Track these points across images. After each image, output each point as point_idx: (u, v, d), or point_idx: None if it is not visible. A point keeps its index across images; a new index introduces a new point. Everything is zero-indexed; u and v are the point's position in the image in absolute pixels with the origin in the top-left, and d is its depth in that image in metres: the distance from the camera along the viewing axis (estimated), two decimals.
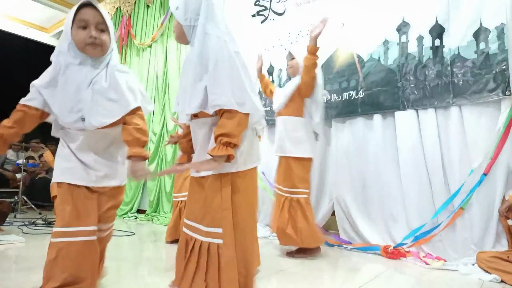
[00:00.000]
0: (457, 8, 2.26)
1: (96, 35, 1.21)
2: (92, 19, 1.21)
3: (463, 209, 2.10)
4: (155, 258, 2.21)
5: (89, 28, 1.21)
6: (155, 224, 3.69)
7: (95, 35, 1.21)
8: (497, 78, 2.07)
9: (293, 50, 2.44)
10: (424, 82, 2.36)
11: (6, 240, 2.45)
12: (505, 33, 2.07)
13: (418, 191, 2.32)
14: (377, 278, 1.79)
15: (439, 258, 2.08)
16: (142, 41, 4.58)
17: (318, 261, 2.16)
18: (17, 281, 1.65)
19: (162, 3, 4.39)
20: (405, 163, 2.40)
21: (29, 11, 5.72)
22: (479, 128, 2.15)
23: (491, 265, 1.80)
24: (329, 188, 2.81)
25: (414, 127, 2.40)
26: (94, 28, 1.22)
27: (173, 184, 3.90)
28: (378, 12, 2.65)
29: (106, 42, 1.25)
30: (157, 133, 4.18)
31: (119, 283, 1.65)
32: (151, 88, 4.41)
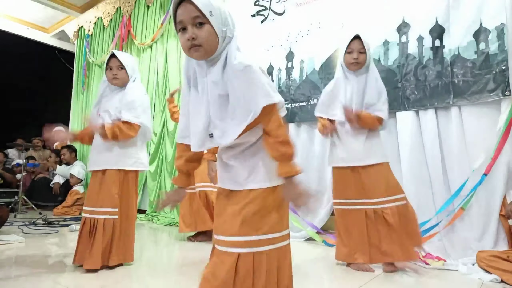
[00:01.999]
0: (457, 8, 2.27)
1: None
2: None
3: (464, 209, 2.10)
4: (155, 258, 2.21)
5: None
6: (155, 224, 3.69)
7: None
8: (497, 78, 2.07)
9: (365, 40, 1.99)
10: (424, 83, 2.36)
11: (6, 240, 2.45)
12: (505, 34, 2.07)
13: (418, 191, 2.32)
14: (377, 278, 1.79)
15: (439, 258, 2.08)
16: (143, 41, 4.58)
17: (318, 261, 2.16)
18: (17, 281, 1.65)
19: (162, 3, 4.39)
20: (405, 163, 2.40)
21: (29, 11, 5.72)
22: (479, 128, 2.15)
23: (491, 264, 1.79)
24: (328, 188, 2.81)
25: (415, 127, 2.40)
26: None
27: (173, 184, 3.90)
28: (378, 13, 2.65)
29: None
30: (157, 133, 4.18)
31: (119, 283, 1.65)
32: (151, 88, 4.41)
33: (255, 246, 0.99)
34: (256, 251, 0.98)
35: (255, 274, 0.97)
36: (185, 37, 0.97)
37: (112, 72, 1.92)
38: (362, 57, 1.95)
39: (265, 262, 0.99)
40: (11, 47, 6.34)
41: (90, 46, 5.48)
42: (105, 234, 1.80)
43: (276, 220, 1.03)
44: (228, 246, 0.99)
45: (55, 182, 4.63)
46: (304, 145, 3.04)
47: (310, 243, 2.69)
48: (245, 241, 0.98)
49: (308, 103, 3.00)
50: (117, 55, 1.92)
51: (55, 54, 6.45)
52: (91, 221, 1.84)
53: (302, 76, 3.07)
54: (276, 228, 1.03)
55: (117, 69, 1.92)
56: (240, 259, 0.97)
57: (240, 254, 0.97)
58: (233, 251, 0.98)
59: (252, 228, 0.99)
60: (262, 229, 1.00)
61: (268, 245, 1.01)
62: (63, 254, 2.22)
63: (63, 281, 1.66)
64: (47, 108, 8.42)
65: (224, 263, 0.98)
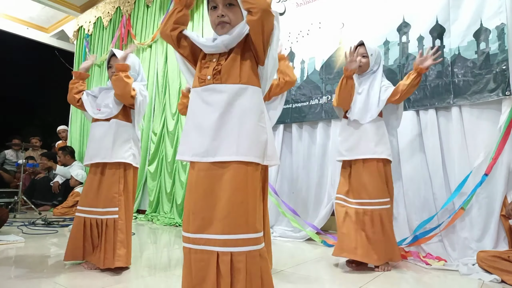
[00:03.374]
0: (458, 8, 2.26)
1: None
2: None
3: (464, 209, 2.10)
4: (155, 258, 2.20)
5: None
6: (155, 224, 3.68)
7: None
8: (497, 78, 2.07)
9: (368, 46, 2.07)
10: (425, 83, 2.36)
11: (5, 240, 2.44)
12: (505, 33, 2.07)
13: (418, 191, 2.32)
14: (377, 278, 1.79)
15: (439, 258, 2.08)
16: (142, 41, 4.58)
17: (318, 261, 2.16)
18: (16, 281, 1.65)
19: (162, 3, 4.39)
20: (405, 163, 2.40)
21: (28, 11, 5.71)
22: (479, 128, 2.15)
23: (491, 264, 1.79)
24: (328, 188, 2.81)
25: (415, 127, 2.40)
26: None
27: (173, 184, 3.90)
28: (378, 12, 2.65)
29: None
30: (157, 133, 4.17)
31: (119, 283, 1.65)
32: (151, 88, 4.41)
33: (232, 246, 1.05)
34: (234, 251, 1.05)
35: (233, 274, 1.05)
36: (216, 14, 1.16)
37: (111, 71, 1.93)
38: (365, 61, 2.06)
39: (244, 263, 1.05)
40: (10, 47, 6.33)
41: (90, 46, 5.47)
42: (108, 234, 1.81)
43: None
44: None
45: (55, 181, 4.63)
46: (305, 145, 3.04)
47: (310, 244, 2.69)
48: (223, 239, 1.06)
49: (309, 103, 2.99)
50: (116, 54, 1.92)
51: (54, 54, 6.44)
52: (93, 221, 1.83)
53: (302, 76, 3.07)
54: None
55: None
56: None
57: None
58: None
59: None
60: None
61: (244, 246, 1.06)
62: (62, 254, 2.21)
63: (63, 281, 1.66)
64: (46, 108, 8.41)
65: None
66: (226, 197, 1.07)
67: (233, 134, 1.10)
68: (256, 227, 1.09)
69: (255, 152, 1.11)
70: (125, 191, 1.90)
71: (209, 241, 1.07)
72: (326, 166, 2.89)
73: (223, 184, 1.08)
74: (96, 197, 1.85)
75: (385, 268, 1.93)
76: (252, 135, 1.11)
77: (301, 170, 3.04)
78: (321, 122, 2.93)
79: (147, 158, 4.27)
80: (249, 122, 1.11)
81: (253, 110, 1.13)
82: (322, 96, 2.92)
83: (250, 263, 1.05)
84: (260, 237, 1.10)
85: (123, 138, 1.91)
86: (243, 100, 1.12)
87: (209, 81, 1.16)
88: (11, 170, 5.23)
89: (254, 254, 1.06)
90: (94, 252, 1.84)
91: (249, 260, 1.05)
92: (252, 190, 1.10)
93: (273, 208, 2.99)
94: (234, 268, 1.04)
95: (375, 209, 1.93)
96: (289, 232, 2.92)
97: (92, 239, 1.83)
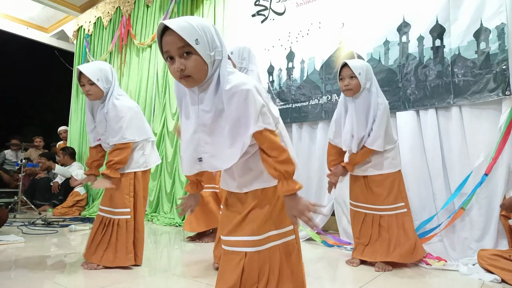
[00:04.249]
0: (458, 8, 2.26)
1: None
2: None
3: (464, 209, 2.10)
4: (155, 258, 2.20)
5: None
6: (155, 224, 3.68)
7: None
8: (498, 78, 2.07)
9: (353, 64, 1.95)
10: (425, 83, 2.36)
11: (5, 240, 2.44)
12: (505, 33, 2.07)
13: (418, 191, 2.32)
14: (377, 278, 1.79)
15: (439, 258, 2.08)
16: (142, 41, 4.57)
17: (318, 261, 2.16)
18: (16, 281, 1.65)
19: (162, 3, 4.38)
20: (405, 163, 2.39)
21: (28, 11, 5.71)
22: (479, 128, 2.15)
23: (492, 263, 1.79)
24: None
25: (415, 127, 2.40)
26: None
27: (173, 184, 3.90)
28: (378, 12, 2.65)
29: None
30: (157, 133, 4.17)
31: (119, 283, 1.65)
32: (151, 88, 4.41)
33: (260, 245, 1.03)
34: (260, 249, 1.03)
35: (261, 271, 1.02)
36: (173, 67, 0.95)
37: (85, 89, 1.83)
38: (354, 82, 1.94)
39: (268, 260, 1.03)
40: (10, 46, 6.33)
41: (90, 46, 5.47)
42: (120, 233, 1.86)
43: (282, 216, 1.07)
44: (236, 246, 1.05)
45: (55, 181, 4.64)
46: (305, 145, 3.04)
47: (310, 244, 2.69)
48: (251, 240, 1.03)
49: (309, 103, 2.99)
50: (82, 70, 1.80)
51: (54, 54, 6.44)
52: (107, 220, 1.88)
53: (302, 76, 3.07)
54: (280, 224, 1.08)
55: (88, 84, 1.82)
56: (247, 258, 1.02)
57: (247, 253, 1.02)
58: (240, 250, 1.03)
59: (260, 227, 1.04)
60: (268, 227, 1.05)
61: (270, 242, 1.05)
62: (62, 254, 2.22)
63: (63, 281, 1.66)
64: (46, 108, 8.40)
65: (232, 261, 1.03)
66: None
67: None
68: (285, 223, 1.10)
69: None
70: (136, 192, 1.95)
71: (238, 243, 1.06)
72: (326, 166, 2.88)
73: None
74: (110, 198, 1.90)
75: (385, 268, 1.93)
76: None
77: (301, 170, 3.04)
78: (321, 122, 2.93)
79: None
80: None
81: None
82: (322, 96, 2.92)
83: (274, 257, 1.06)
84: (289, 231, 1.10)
85: (135, 150, 1.94)
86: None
87: None
88: (10, 170, 5.23)
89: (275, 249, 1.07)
90: (97, 251, 1.85)
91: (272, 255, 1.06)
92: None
93: None
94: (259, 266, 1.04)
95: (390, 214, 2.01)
96: None
97: (101, 237, 1.86)
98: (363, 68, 1.96)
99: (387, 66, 2.55)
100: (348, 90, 1.96)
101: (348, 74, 1.95)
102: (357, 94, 1.97)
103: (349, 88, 1.95)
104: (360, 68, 1.94)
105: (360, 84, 1.94)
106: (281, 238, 1.07)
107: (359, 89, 1.96)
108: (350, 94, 1.98)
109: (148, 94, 4.42)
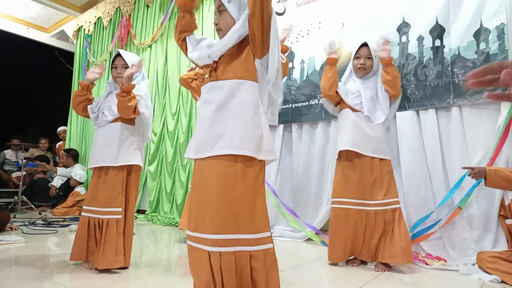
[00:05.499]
0: (458, 8, 2.26)
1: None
2: None
3: (461, 209, 2.10)
4: (155, 258, 2.20)
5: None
6: (155, 224, 3.68)
7: None
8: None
9: (371, 46, 2.11)
10: (425, 82, 2.36)
11: (6, 240, 2.44)
12: (505, 33, 2.07)
13: (418, 191, 2.31)
14: (377, 278, 1.79)
15: (439, 258, 2.08)
16: (142, 41, 4.58)
17: (317, 261, 2.16)
18: (16, 281, 1.65)
19: (162, 3, 4.39)
20: (405, 163, 2.40)
21: (28, 11, 5.71)
22: (479, 128, 2.15)
23: (491, 266, 1.79)
24: (328, 188, 2.81)
25: (415, 127, 2.40)
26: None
27: (173, 184, 3.90)
28: (378, 12, 2.65)
29: None
30: (157, 133, 4.17)
31: (119, 283, 1.65)
32: (151, 88, 4.41)
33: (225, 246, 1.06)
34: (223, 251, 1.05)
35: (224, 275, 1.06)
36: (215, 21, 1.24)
37: (116, 71, 1.96)
38: (369, 63, 2.10)
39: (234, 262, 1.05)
40: (10, 47, 6.33)
41: (90, 46, 5.47)
42: (109, 233, 1.81)
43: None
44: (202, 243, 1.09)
45: (52, 184, 4.63)
46: (305, 145, 3.04)
47: (309, 243, 2.69)
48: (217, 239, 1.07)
49: (309, 103, 2.99)
50: (122, 54, 1.95)
51: (54, 54, 6.44)
52: (95, 221, 1.84)
53: (302, 76, 3.07)
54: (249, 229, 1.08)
55: (121, 68, 1.95)
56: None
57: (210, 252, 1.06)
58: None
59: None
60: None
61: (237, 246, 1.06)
62: (62, 254, 2.22)
63: (63, 281, 1.66)
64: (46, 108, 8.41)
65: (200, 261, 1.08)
66: (214, 195, 1.07)
67: (228, 128, 1.10)
68: (249, 228, 1.07)
69: (248, 145, 1.09)
70: (128, 192, 1.92)
71: (202, 240, 1.07)
72: (326, 166, 2.89)
73: (212, 180, 1.08)
74: (99, 197, 1.86)
75: (385, 268, 1.93)
76: (246, 128, 1.10)
77: (301, 170, 3.04)
78: (321, 122, 2.93)
79: (147, 158, 4.27)
80: (243, 115, 1.11)
81: (248, 104, 1.13)
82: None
83: (240, 263, 1.05)
84: (258, 238, 1.08)
85: (129, 141, 1.92)
86: (238, 95, 1.13)
87: (207, 80, 1.19)
88: (9, 170, 5.24)
89: (243, 255, 1.05)
90: (94, 252, 1.84)
91: (238, 261, 1.05)
92: (246, 186, 1.08)
93: (273, 208, 2.99)
94: (223, 268, 1.04)
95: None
96: (289, 232, 2.92)
97: (95, 238, 1.84)
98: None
99: None
100: (362, 69, 2.10)
101: (366, 54, 2.10)
102: (367, 75, 2.11)
103: (364, 67, 2.09)
104: (375, 52, 2.09)
105: (373, 66, 2.10)
106: (253, 244, 1.07)
107: (371, 70, 2.11)
108: (363, 73, 2.11)
109: (148, 94, 4.42)
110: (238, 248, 1.05)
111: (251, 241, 1.07)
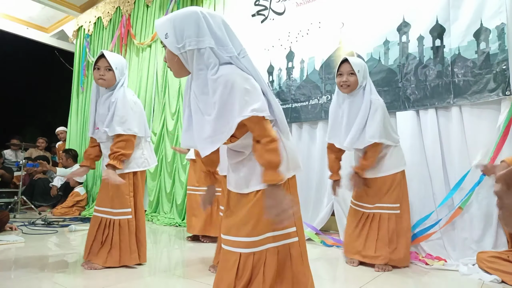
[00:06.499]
0: (458, 8, 2.26)
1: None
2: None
3: (462, 209, 2.10)
4: (155, 258, 2.20)
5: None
6: (155, 224, 3.68)
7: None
8: (497, 78, 2.07)
9: (353, 61, 1.97)
10: (425, 82, 2.36)
11: (5, 240, 2.44)
12: (505, 33, 2.07)
13: (418, 191, 2.31)
14: (377, 278, 1.79)
15: (439, 258, 2.08)
16: (142, 41, 4.57)
17: (318, 261, 2.16)
18: (16, 281, 1.65)
19: (162, 3, 4.38)
20: (405, 163, 2.39)
21: (28, 11, 5.71)
22: (479, 128, 2.15)
23: (491, 265, 1.79)
24: (328, 188, 2.81)
25: (415, 127, 2.40)
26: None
27: (173, 184, 3.90)
28: (378, 12, 2.65)
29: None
30: (157, 133, 4.17)
31: (120, 283, 1.65)
32: (151, 88, 4.41)
33: (255, 247, 1.03)
34: (255, 250, 1.03)
35: (254, 271, 1.03)
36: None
37: (99, 73, 1.86)
38: (352, 79, 1.94)
39: (263, 261, 1.03)
40: (10, 47, 6.33)
41: (90, 46, 5.47)
42: (122, 233, 1.86)
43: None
44: (232, 246, 1.06)
45: (53, 184, 4.63)
46: (305, 145, 3.03)
47: (309, 243, 2.68)
48: (246, 241, 1.04)
49: (309, 103, 2.99)
50: (106, 55, 1.87)
51: (54, 54, 6.44)
52: (107, 221, 1.88)
53: (302, 76, 3.07)
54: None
55: (104, 69, 1.86)
56: (242, 259, 1.03)
57: (242, 254, 1.03)
58: (235, 251, 1.04)
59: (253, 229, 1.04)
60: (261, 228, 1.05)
61: (267, 244, 1.05)
62: (62, 254, 2.22)
63: (63, 281, 1.66)
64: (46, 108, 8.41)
65: (229, 261, 1.05)
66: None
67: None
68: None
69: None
70: (136, 192, 1.95)
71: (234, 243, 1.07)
72: (326, 166, 2.88)
73: (245, 207, 1.10)
74: (110, 198, 1.89)
75: (385, 268, 1.93)
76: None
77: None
78: (320, 122, 2.93)
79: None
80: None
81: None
82: (322, 96, 2.91)
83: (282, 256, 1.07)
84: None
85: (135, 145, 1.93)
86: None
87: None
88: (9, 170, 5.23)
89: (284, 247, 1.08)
90: (100, 253, 1.85)
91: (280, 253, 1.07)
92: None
93: None
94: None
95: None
96: None
97: (103, 238, 1.86)
98: (362, 66, 1.97)
99: (387, 66, 2.55)
100: (346, 86, 1.95)
101: (348, 70, 1.95)
102: (354, 92, 1.98)
103: (347, 85, 1.95)
104: (359, 66, 1.96)
105: (358, 81, 1.95)
106: (279, 240, 1.06)
107: (356, 86, 1.96)
108: (347, 90, 1.97)
109: (148, 94, 4.42)
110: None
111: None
